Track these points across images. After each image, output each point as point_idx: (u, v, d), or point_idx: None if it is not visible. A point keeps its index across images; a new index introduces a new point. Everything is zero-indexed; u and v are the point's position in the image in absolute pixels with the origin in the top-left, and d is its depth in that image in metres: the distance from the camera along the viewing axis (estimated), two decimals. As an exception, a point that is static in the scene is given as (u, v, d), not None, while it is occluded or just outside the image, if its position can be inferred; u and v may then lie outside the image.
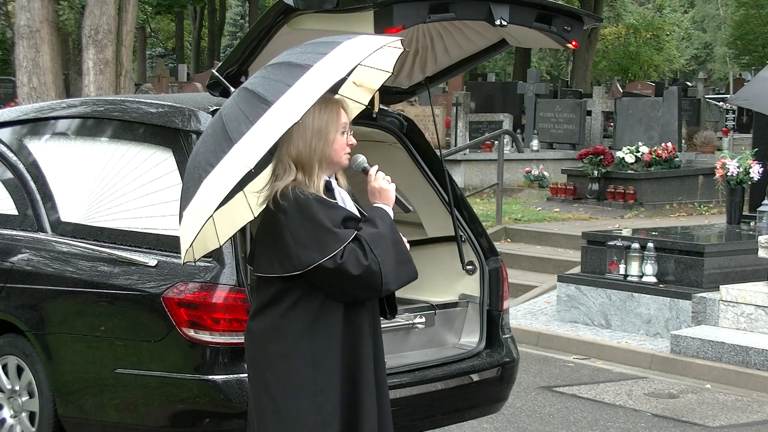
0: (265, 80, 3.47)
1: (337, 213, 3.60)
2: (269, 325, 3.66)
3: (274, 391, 3.65)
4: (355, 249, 3.53)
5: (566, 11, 4.94)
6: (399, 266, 3.62)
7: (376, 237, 3.57)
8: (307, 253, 3.52)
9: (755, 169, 10.66)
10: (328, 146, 3.62)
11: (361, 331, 3.68)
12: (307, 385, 3.61)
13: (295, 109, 3.34)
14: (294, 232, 3.54)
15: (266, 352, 3.66)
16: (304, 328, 3.61)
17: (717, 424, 6.91)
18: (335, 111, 3.65)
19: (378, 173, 3.72)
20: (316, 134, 3.60)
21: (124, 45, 15.70)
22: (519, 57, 34.69)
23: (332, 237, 3.52)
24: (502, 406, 5.64)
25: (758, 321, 8.40)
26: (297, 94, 3.35)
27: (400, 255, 3.64)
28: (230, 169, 3.34)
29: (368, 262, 3.52)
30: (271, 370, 3.66)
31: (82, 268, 5.07)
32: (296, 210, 3.54)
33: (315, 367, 3.61)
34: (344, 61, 3.43)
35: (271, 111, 3.34)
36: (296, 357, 3.61)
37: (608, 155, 14.97)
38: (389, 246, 3.60)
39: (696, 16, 55.76)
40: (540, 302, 10.56)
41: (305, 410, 3.61)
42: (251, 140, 3.33)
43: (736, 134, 21.28)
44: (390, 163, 5.57)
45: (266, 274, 3.68)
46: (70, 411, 5.04)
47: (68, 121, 5.60)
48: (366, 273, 3.53)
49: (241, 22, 54.91)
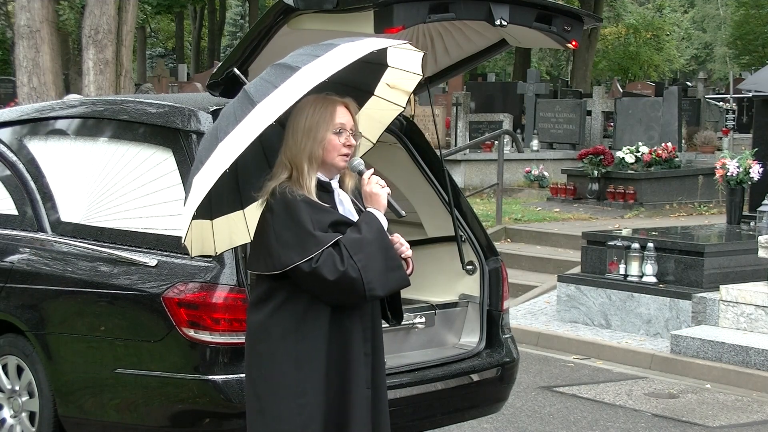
0: (260, 80, 3.50)
1: (324, 216, 3.58)
2: (258, 323, 3.67)
3: (259, 390, 3.67)
4: (333, 254, 3.51)
5: (566, 11, 4.94)
6: (387, 272, 3.58)
7: (357, 242, 3.54)
8: (287, 254, 3.52)
9: (755, 169, 10.67)
10: (316, 145, 3.61)
11: (350, 335, 3.65)
12: (290, 385, 3.61)
13: (272, 110, 3.35)
14: (277, 231, 3.55)
15: (255, 350, 3.69)
16: (290, 328, 3.61)
17: (717, 424, 6.91)
18: (330, 111, 3.63)
19: (371, 177, 3.68)
20: (306, 133, 3.60)
21: (124, 45, 15.69)
22: (519, 57, 34.69)
23: (312, 240, 3.51)
24: (502, 406, 5.63)
25: (758, 321, 8.40)
26: (278, 96, 3.37)
27: (389, 261, 3.59)
28: (213, 167, 3.38)
29: (344, 267, 3.49)
30: (257, 368, 3.68)
31: (82, 268, 5.07)
32: (282, 210, 3.55)
33: (299, 368, 3.60)
34: (332, 63, 3.41)
35: (254, 111, 3.37)
36: (281, 357, 3.62)
37: (608, 155, 14.97)
38: (375, 252, 3.55)
39: (696, 16, 55.76)
40: (540, 302, 10.56)
41: (287, 411, 3.61)
42: (232, 140, 3.36)
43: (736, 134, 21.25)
44: (390, 163, 5.58)
45: (254, 271, 3.73)
46: (70, 411, 5.04)
47: (68, 121, 5.60)
48: (342, 278, 3.50)
49: (241, 22, 54.91)
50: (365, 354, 3.68)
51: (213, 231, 3.71)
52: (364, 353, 3.68)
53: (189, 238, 3.64)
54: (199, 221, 3.66)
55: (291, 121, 3.62)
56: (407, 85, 3.88)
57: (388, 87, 3.88)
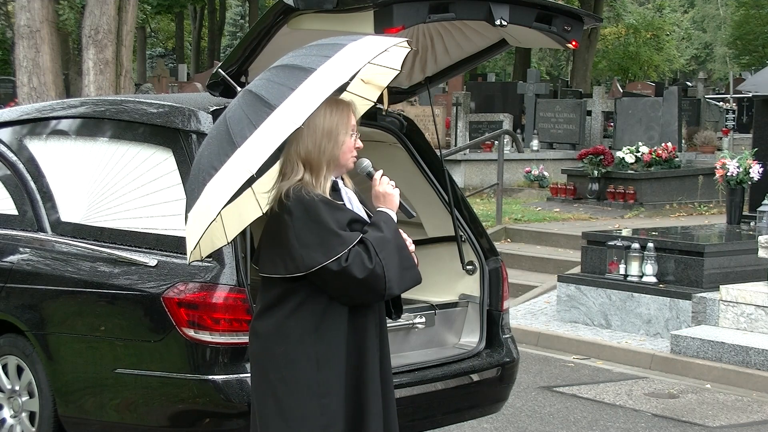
0: (269, 83, 3.45)
1: (343, 215, 3.59)
2: (274, 325, 3.65)
3: (279, 392, 3.64)
4: (360, 252, 3.53)
5: (566, 11, 4.94)
6: (402, 271, 3.61)
7: (381, 241, 3.57)
8: (311, 255, 3.52)
9: (755, 169, 10.67)
10: (337, 148, 3.61)
11: (366, 333, 3.68)
12: (311, 386, 3.60)
13: (297, 113, 3.33)
14: (298, 233, 3.53)
15: (271, 352, 3.66)
16: (309, 329, 3.61)
17: (717, 424, 6.91)
18: (345, 113, 3.64)
19: (383, 178, 3.71)
20: (326, 135, 3.59)
21: (124, 45, 15.69)
22: (519, 57, 34.70)
23: (337, 239, 3.52)
24: (502, 406, 5.64)
25: (758, 321, 8.40)
26: (300, 99, 3.34)
27: (403, 260, 3.63)
28: (233, 173, 3.33)
29: (373, 265, 3.52)
30: (275, 370, 3.65)
31: (82, 268, 5.07)
32: (301, 211, 3.53)
33: (320, 368, 3.60)
34: (348, 65, 3.41)
35: (274, 115, 3.33)
36: (301, 358, 3.61)
37: (608, 155, 14.97)
38: (393, 250, 3.59)
39: (696, 16, 55.76)
40: (540, 302, 10.56)
41: (310, 412, 3.60)
42: (254, 145, 3.32)
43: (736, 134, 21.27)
44: (390, 163, 5.58)
45: (270, 274, 3.67)
46: (70, 411, 5.04)
47: (69, 121, 5.60)
48: (370, 276, 3.53)
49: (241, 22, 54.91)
50: (378, 350, 3.71)
51: (223, 223, 3.65)
52: (378, 350, 3.71)
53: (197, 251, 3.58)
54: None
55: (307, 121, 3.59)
56: (382, 80, 3.84)
57: (362, 83, 3.83)
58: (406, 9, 4.41)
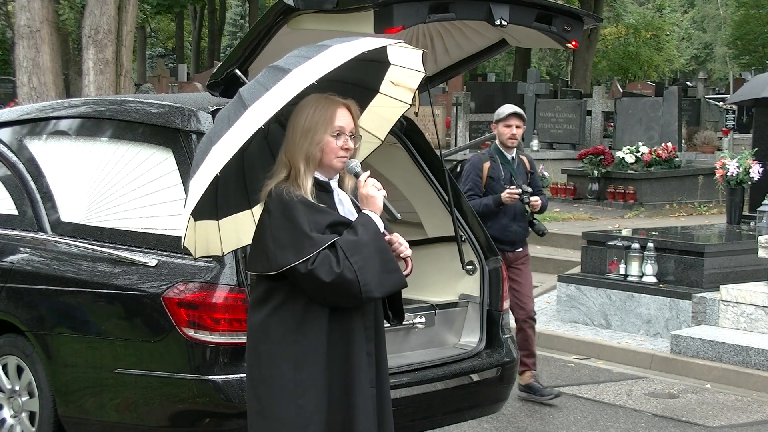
0: (254, 83, 3.50)
1: (321, 217, 3.58)
2: (258, 322, 3.68)
3: (259, 391, 3.68)
4: (329, 255, 3.51)
5: (566, 11, 4.94)
6: (383, 274, 3.57)
7: (354, 244, 3.53)
8: (284, 255, 3.52)
9: (755, 169, 10.67)
10: (313, 146, 3.61)
11: (351, 334, 3.65)
12: (288, 386, 3.61)
13: (262, 113, 3.35)
14: (274, 232, 3.55)
15: (255, 350, 3.70)
16: (290, 329, 3.61)
17: (717, 424, 6.91)
18: (330, 113, 3.62)
19: (368, 180, 3.66)
20: (304, 134, 3.60)
21: (124, 45, 15.68)
22: (519, 57, 34.70)
23: (309, 241, 3.51)
24: (502, 406, 5.63)
25: (758, 321, 8.40)
26: (269, 99, 3.36)
27: (384, 263, 3.58)
28: (206, 171, 3.38)
29: (341, 269, 3.49)
30: (258, 369, 3.68)
31: (82, 268, 5.07)
32: (279, 211, 3.55)
33: (298, 369, 3.60)
34: (322, 66, 3.40)
35: (245, 115, 3.37)
36: (280, 358, 3.62)
37: (608, 155, 14.98)
38: (371, 253, 3.55)
39: (696, 16, 55.77)
40: (540, 302, 10.54)
41: (286, 412, 3.61)
42: (224, 144, 3.36)
43: (736, 134, 21.28)
44: (390, 163, 5.58)
45: (252, 271, 3.75)
46: (70, 411, 5.04)
47: (69, 121, 5.60)
48: (338, 279, 3.50)
49: (241, 22, 54.91)
50: (368, 354, 3.68)
51: (219, 231, 3.71)
52: (367, 353, 3.68)
53: (192, 240, 3.65)
54: (204, 222, 3.67)
55: (292, 120, 3.63)
56: (411, 82, 3.90)
57: (393, 84, 3.90)
58: (406, 9, 4.41)
